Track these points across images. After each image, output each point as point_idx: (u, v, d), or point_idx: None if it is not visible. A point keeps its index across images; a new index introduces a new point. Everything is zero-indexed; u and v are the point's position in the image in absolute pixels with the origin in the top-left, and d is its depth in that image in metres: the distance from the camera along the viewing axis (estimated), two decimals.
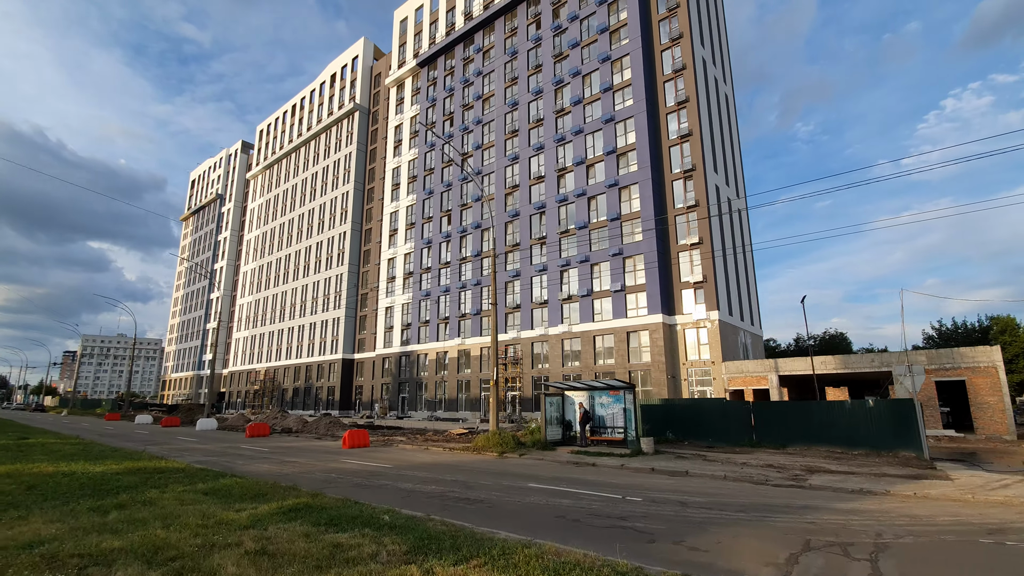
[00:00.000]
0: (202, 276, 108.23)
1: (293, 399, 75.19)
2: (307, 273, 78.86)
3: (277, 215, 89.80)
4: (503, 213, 52.51)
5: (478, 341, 51.81)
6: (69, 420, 51.80)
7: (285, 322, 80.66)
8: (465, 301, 54.38)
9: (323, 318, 73.09)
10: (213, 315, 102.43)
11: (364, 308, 69.94)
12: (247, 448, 22.55)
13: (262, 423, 30.32)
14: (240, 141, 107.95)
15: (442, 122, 61.94)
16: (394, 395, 59.88)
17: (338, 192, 76.17)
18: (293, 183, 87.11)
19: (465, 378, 52.63)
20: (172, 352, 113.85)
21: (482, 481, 13.47)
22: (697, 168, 41.62)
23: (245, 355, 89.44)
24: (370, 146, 75.62)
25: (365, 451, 21.49)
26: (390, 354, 61.80)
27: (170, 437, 28.98)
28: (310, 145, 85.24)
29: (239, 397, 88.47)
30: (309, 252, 79.49)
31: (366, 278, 70.99)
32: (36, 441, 21.25)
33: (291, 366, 77.24)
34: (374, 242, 70.14)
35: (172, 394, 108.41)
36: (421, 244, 60.44)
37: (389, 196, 67.25)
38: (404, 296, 61.29)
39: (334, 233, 74.87)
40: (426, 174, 62.38)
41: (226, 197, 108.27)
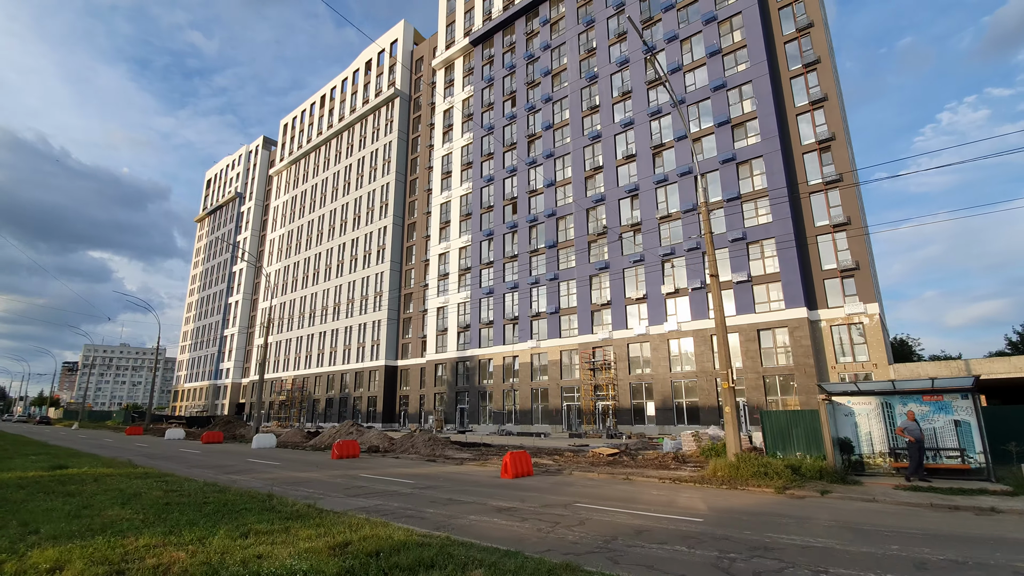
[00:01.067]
0: (219, 279, 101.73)
1: (326, 410, 68.29)
2: (341, 273, 72.45)
3: (304, 212, 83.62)
4: (584, 198, 46.27)
5: (557, 343, 45.25)
6: (86, 435, 44.97)
7: (315, 326, 74.04)
8: (538, 298, 47.91)
9: (361, 321, 66.50)
10: (232, 320, 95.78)
11: (408, 309, 63.42)
12: (375, 476, 15.99)
13: (351, 441, 23.69)
14: (261, 137, 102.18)
15: (501, 102, 56.00)
16: (451, 406, 53.09)
17: (376, 184, 70.05)
18: (323, 177, 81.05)
19: (541, 386, 45.96)
20: (185, 361, 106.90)
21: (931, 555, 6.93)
22: (837, 138, 35.48)
23: (269, 363, 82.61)
24: (412, 134, 69.69)
25: (549, 483, 14.91)
26: (444, 360, 55.13)
27: (239, 459, 22.35)
28: (343, 136, 79.35)
29: (263, 408, 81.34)
30: (343, 250, 73.15)
31: (409, 277, 64.58)
32: (82, 472, 14.63)
33: (323, 374, 70.47)
34: (419, 237, 63.85)
35: (185, 405, 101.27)
36: (480, 237, 54.12)
37: (438, 186, 61.09)
38: (460, 295, 54.81)
39: (373, 228, 68.61)
40: (483, 160, 56.27)
41: (246, 196, 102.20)
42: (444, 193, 60.00)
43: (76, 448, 25.96)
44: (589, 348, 43.04)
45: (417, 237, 64.29)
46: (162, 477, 13.16)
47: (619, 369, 41.00)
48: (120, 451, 26.20)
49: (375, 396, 62.16)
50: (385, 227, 66.99)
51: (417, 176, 66.96)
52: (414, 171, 68.03)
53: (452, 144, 60.52)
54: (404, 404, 61.05)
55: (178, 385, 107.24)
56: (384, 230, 67.08)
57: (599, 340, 42.51)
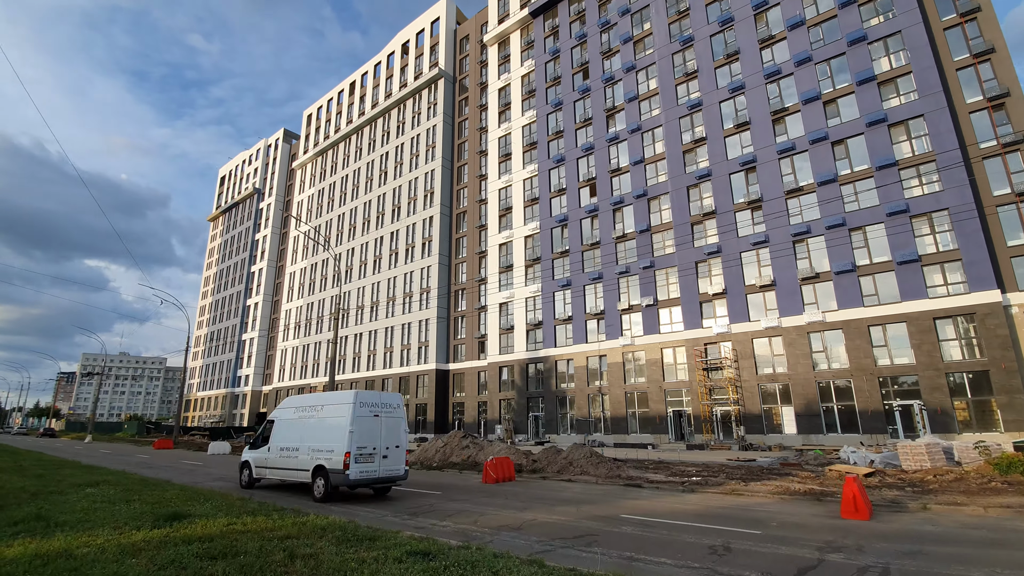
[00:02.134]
0: (236, 280, 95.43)
1: None
2: (377, 269, 66.46)
3: (333, 206, 77.70)
4: (682, 175, 40.63)
5: (656, 340, 39.36)
6: (110, 450, 38.64)
7: (349, 328, 67.87)
8: (628, 289, 42.08)
9: (405, 321, 60.41)
10: (251, 323, 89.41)
11: (459, 307, 57.42)
12: (636, 517, 10.08)
13: (504, 459, 17.68)
14: (281, 130, 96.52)
15: (571, 75, 50.50)
16: (521, 413, 46.96)
17: (419, 172, 64.32)
18: (354, 167, 75.27)
19: (637, 389, 39.98)
20: (198, 368, 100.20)
21: None
22: (1013, 93, 30.02)
23: (294, 369, 76.25)
24: (458, 118, 64.12)
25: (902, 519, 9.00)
26: (511, 362, 49.07)
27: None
28: (377, 123, 73.72)
29: None
30: (380, 244, 67.21)
31: (458, 271, 58.66)
32: (230, 529, 8.62)
33: (360, 380, 64.16)
34: (471, 227, 58.02)
35: (199, 415, 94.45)
36: (551, 223, 48.36)
37: (495, 170, 55.38)
38: (528, 288, 48.91)
39: (416, 219, 62.75)
40: (551, 139, 50.66)
41: (265, 191, 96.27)
42: (503, 178, 54.28)
43: (129, 471, 19.81)
44: (699, 344, 37.16)
45: (468, 227, 58.44)
46: (398, 543, 7.12)
47: (741, 368, 35.11)
48: (183, 473, 20.09)
49: (424, 403, 55.91)
50: (431, 217, 61.15)
51: (466, 162, 61.28)
52: (461, 157, 62.38)
53: (510, 124, 54.92)
54: (458, 412, 54.83)
55: (190, 394, 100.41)
56: (430, 221, 61.23)
57: (713, 335, 36.62)
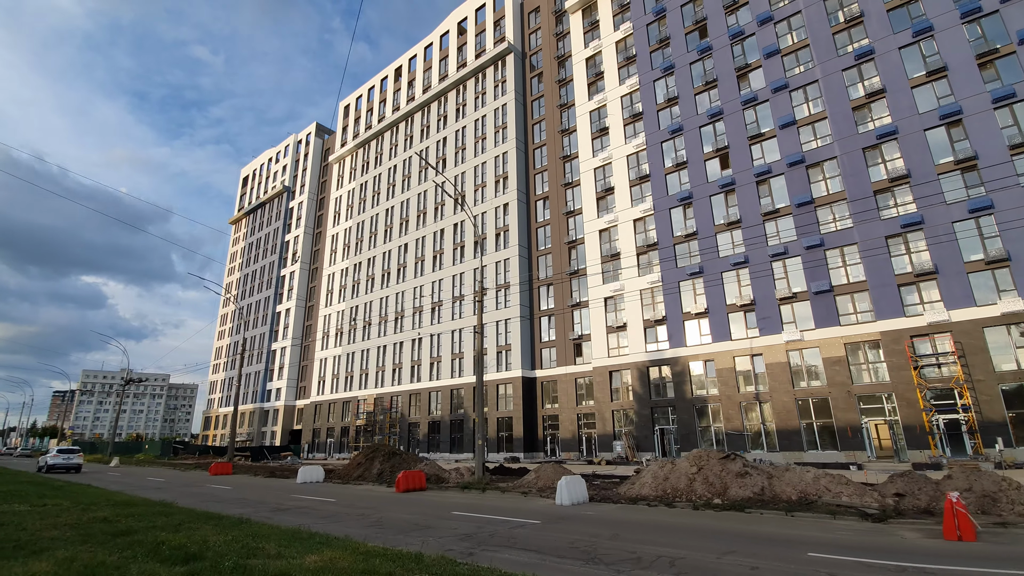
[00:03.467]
0: (264, 285, 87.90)
1: (430, 437, 54.04)
2: (438, 265, 59.22)
3: (379, 199, 70.76)
4: (854, 135, 33.85)
5: (838, 332, 32.11)
6: (163, 477, 30.89)
7: (404, 332, 60.34)
8: (788, 274, 34.93)
9: (475, 323, 52.90)
10: (282, 331, 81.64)
11: (546, 304, 50.08)
12: None
13: None
14: (314, 124, 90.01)
15: (683, 36, 44.09)
16: (644, 427, 39.36)
17: (487, 156, 57.55)
18: (404, 156, 68.52)
19: (814, 395, 32.58)
20: (219, 382, 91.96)
21: None
22: None
23: (336, 380, 68.44)
24: (530, 96, 57.60)
25: None
26: (625, 365, 41.62)
27: (632, 532, 8.88)
28: (430, 108, 67.21)
29: (329, 435, 66.87)
30: (440, 238, 60.09)
31: (540, 264, 51.47)
32: None
33: (421, 391, 56.46)
34: (556, 213, 51.03)
35: (221, 433, 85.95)
36: (669, 202, 41.44)
37: (587, 149, 48.63)
38: (643, 279, 41.73)
39: (487, 207, 55.75)
40: (662, 107, 44.01)
41: (296, 189, 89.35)
42: (600, 155, 47.49)
43: (231, 513, 12.26)
44: (901, 338, 29.91)
45: (553, 214, 51.42)
46: None
47: (971, 366, 27.84)
48: (319, 518, 12.57)
49: (508, 417, 48.19)
50: (505, 204, 54.18)
51: (543, 143, 54.55)
52: (536, 138, 55.69)
53: (604, 95, 48.32)
54: (551, 426, 47.13)
55: (211, 410, 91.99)
56: (504, 208, 54.25)
57: (923, 325, 29.42)
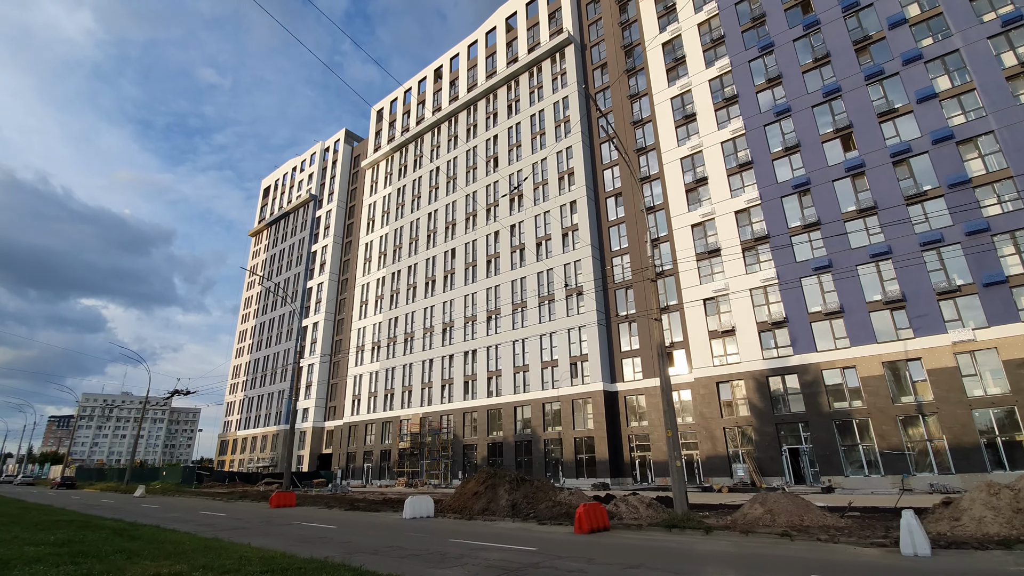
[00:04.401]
0: (289, 298, 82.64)
1: (490, 461, 48.10)
2: (493, 271, 54.21)
3: (419, 204, 66.20)
4: (1012, 107, 29.36)
5: (1019, 331, 26.94)
6: (208, 508, 25.19)
7: (454, 344, 54.94)
8: (945, 264, 29.93)
9: (544, 331, 47.70)
10: (309, 347, 76.00)
11: (624, 310, 44.92)
12: None
13: None
14: (343, 130, 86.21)
15: (782, 10, 40.16)
16: (768, 447, 33.72)
17: (547, 152, 53.20)
18: (448, 158, 64.23)
19: (996, 405, 27.19)
20: (237, 402, 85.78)
21: None
22: None
23: (374, 398, 62.65)
24: (593, 88, 53.61)
25: None
26: (737, 375, 36.20)
27: None
28: (477, 106, 63.22)
29: (367, 460, 60.71)
30: (493, 241, 55.23)
31: (616, 264, 46.52)
32: None
33: (477, 409, 50.76)
34: (632, 210, 46.31)
35: (240, 458, 79.43)
36: (779, 190, 36.75)
37: (671, 138, 44.21)
38: (754, 276, 36.68)
39: (550, 206, 51.08)
40: (762, 88, 39.74)
41: (323, 198, 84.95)
42: (685, 144, 43.05)
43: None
44: None
45: (628, 212, 46.69)
46: None
47: None
48: None
49: (588, 437, 42.43)
50: (572, 203, 49.52)
51: (611, 135, 50.26)
52: (602, 131, 51.44)
53: (688, 81, 44.19)
54: (640, 447, 41.36)
55: (227, 433, 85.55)
56: (571, 206, 49.57)
57: None
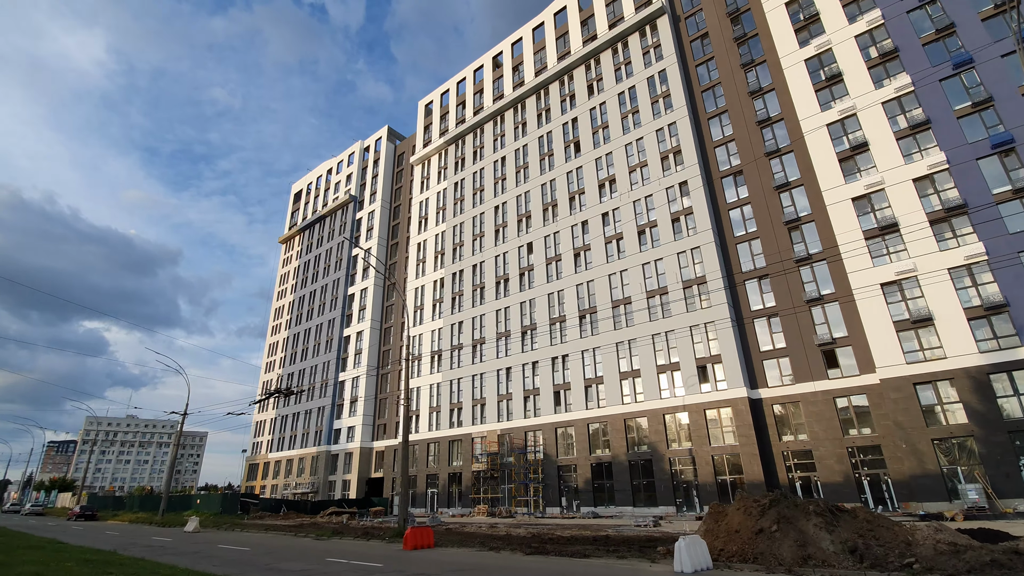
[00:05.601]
0: (326, 307, 75.88)
1: (594, 484, 40.72)
2: (583, 264, 47.75)
3: (483, 196, 60.13)
4: None
5: None
6: (341, 556, 18.05)
7: (537, 350, 48.09)
8: None
9: (654, 330, 40.95)
10: (352, 359, 68.90)
11: (761, 302, 38.22)
12: None
13: None
14: (384, 128, 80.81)
15: None
16: (1006, 461, 26.61)
17: (643, 131, 47.32)
18: (517, 146, 58.36)
19: None
20: (268, 422, 78.20)
21: None
22: None
23: (434, 414, 55.41)
24: (691, 62, 48.07)
25: None
26: (943, 374, 29.24)
27: None
28: (548, 90, 57.67)
29: (431, 484, 53.12)
30: (581, 232, 48.93)
31: (738, 254, 40.02)
32: None
33: (574, 423, 43.61)
34: (756, 189, 40.08)
35: (274, 484, 71.47)
36: (973, 152, 30.54)
37: (810, 104, 38.31)
38: (955, 253, 30.12)
39: (651, 189, 44.93)
40: (930, 39, 33.94)
41: (364, 199, 79.04)
42: (831, 108, 37.07)
43: None
44: None
45: (752, 191, 40.44)
46: None
47: None
48: None
49: (730, 455, 35.20)
50: (681, 184, 43.39)
51: (723, 109, 44.38)
52: (708, 105, 45.63)
53: (824, 40, 38.48)
54: (801, 466, 34.08)
55: (256, 456, 77.71)
56: (680, 188, 43.40)
57: None
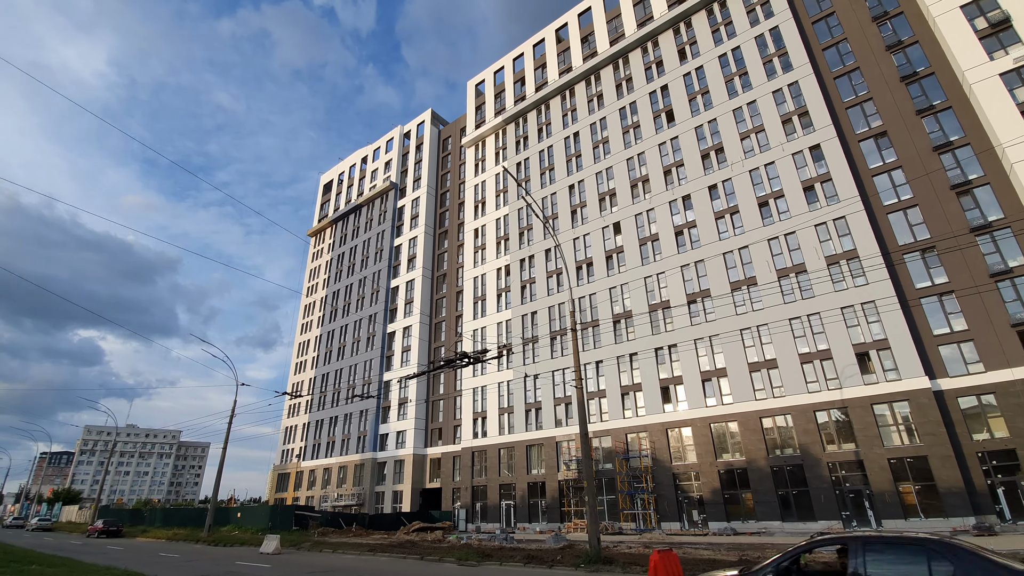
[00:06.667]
0: (366, 301, 69.92)
1: (725, 496, 34.81)
2: (688, 243, 42.35)
3: (552, 176, 54.81)
4: None
5: None
6: None
7: (635, 340, 42.43)
8: None
9: (791, 313, 35.44)
10: (399, 357, 62.82)
11: (919, 280, 32.84)
12: None
13: None
14: (428, 111, 75.65)
15: None
16: None
17: (755, 95, 42.26)
18: (593, 120, 53.21)
19: None
20: (300, 427, 71.66)
21: None
22: None
23: (506, 416, 49.42)
24: (809, 18, 43.24)
25: None
26: None
27: None
28: (628, 59, 52.64)
29: (505, 496, 46.95)
30: (681, 207, 43.60)
31: (888, 224, 34.72)
32: None
33: (693, 422, 37.80)
34: (908, 151, 34.87)
35: (308, 495, 64.79)
36: None
37: (974, 50, 33.36)
38: None
39: (772, 156, 39.72)
40: None
41: (407, 186, 73.57)
42: (1002, 57, 32.17)
43: None
44: None
45: (902, 153, 35.25)
46: None
47: None
48: None
49: (914, 458, 29.44)
50: (812, 147, 38.21)
51: (854, 66, 39.37)
52: (833, 63, 40.69)
53: None
54: (996, 470, 28.36)
55: (287, 465, 71.02)
56: (810, 153, 38.21)
57: None
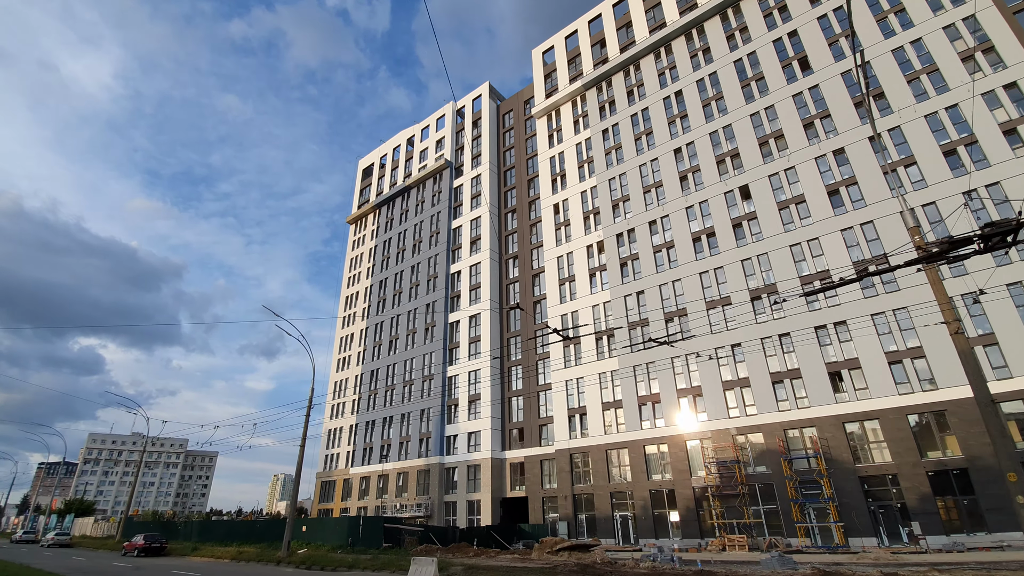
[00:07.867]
0: (421, 290, 62.99)
1: (943, 506, 27.65)
2: (849, 202, 35.59)
3: (652, 140, 48.28)
4: None
5: None
6: None
7: (789, 317, 35.47)
8: None
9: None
10: (465, 350, 55.65)
11: None
12: None
13: None
14: (486, 84, 69.40)
15: None
16: None
17: (901, 39, 35.89)
18: (698, 76, 46.80)
19: None
20: (346, 428, 64.23)
21: None
22: None
23: (613, 413, 42.26)
24: None
25: None
26: None
27: None
28: (741, 6, 46.53)
29: (619, 506, 39.59)
30: (835, 164, 36.93)
31: None
32: None
33: (879, 413, 30.66)
34: None
35: (360, 505, 57.16)
36: None
37: None
38: None
39: (910, 115, 33.18)
40: None
41: (464, 165, 67.00)
42: None
43: None
44: None
45: None
46: None
47: None
48: None
49: None
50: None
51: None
52: None
53: None
54: None
55: (331, 472, 63.47)
56: (957, 111, 31.74)
57: None
